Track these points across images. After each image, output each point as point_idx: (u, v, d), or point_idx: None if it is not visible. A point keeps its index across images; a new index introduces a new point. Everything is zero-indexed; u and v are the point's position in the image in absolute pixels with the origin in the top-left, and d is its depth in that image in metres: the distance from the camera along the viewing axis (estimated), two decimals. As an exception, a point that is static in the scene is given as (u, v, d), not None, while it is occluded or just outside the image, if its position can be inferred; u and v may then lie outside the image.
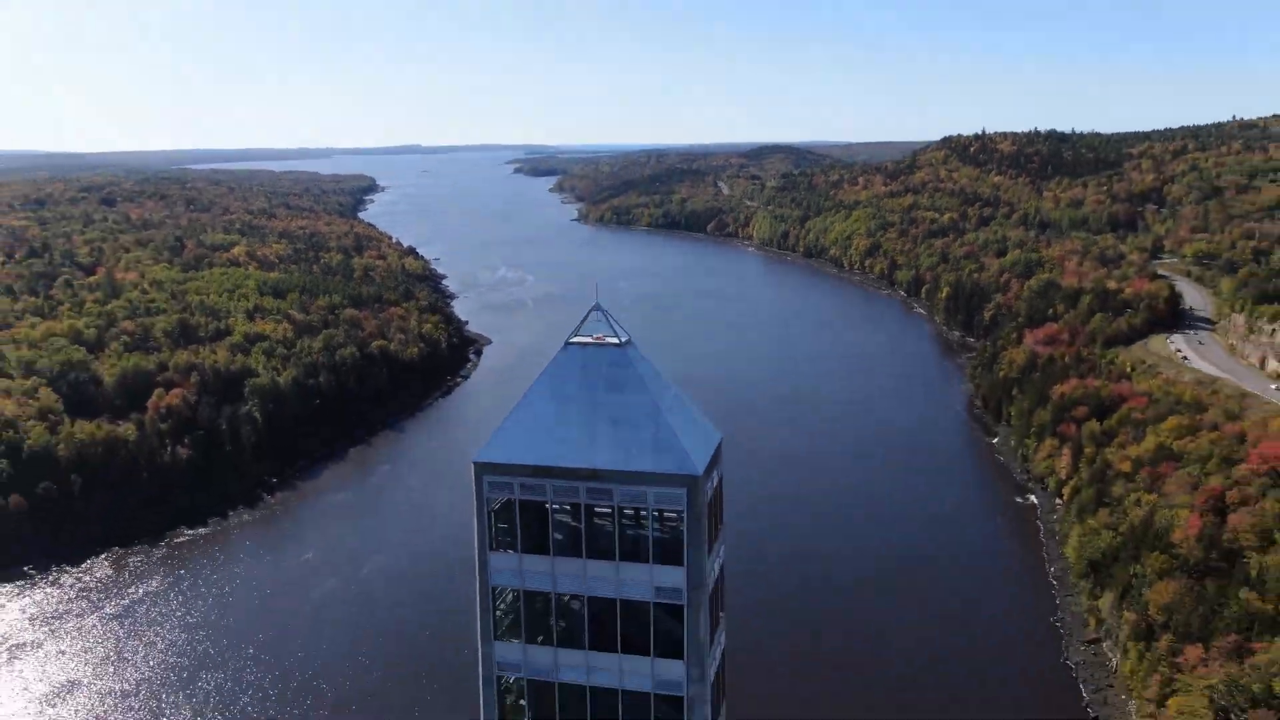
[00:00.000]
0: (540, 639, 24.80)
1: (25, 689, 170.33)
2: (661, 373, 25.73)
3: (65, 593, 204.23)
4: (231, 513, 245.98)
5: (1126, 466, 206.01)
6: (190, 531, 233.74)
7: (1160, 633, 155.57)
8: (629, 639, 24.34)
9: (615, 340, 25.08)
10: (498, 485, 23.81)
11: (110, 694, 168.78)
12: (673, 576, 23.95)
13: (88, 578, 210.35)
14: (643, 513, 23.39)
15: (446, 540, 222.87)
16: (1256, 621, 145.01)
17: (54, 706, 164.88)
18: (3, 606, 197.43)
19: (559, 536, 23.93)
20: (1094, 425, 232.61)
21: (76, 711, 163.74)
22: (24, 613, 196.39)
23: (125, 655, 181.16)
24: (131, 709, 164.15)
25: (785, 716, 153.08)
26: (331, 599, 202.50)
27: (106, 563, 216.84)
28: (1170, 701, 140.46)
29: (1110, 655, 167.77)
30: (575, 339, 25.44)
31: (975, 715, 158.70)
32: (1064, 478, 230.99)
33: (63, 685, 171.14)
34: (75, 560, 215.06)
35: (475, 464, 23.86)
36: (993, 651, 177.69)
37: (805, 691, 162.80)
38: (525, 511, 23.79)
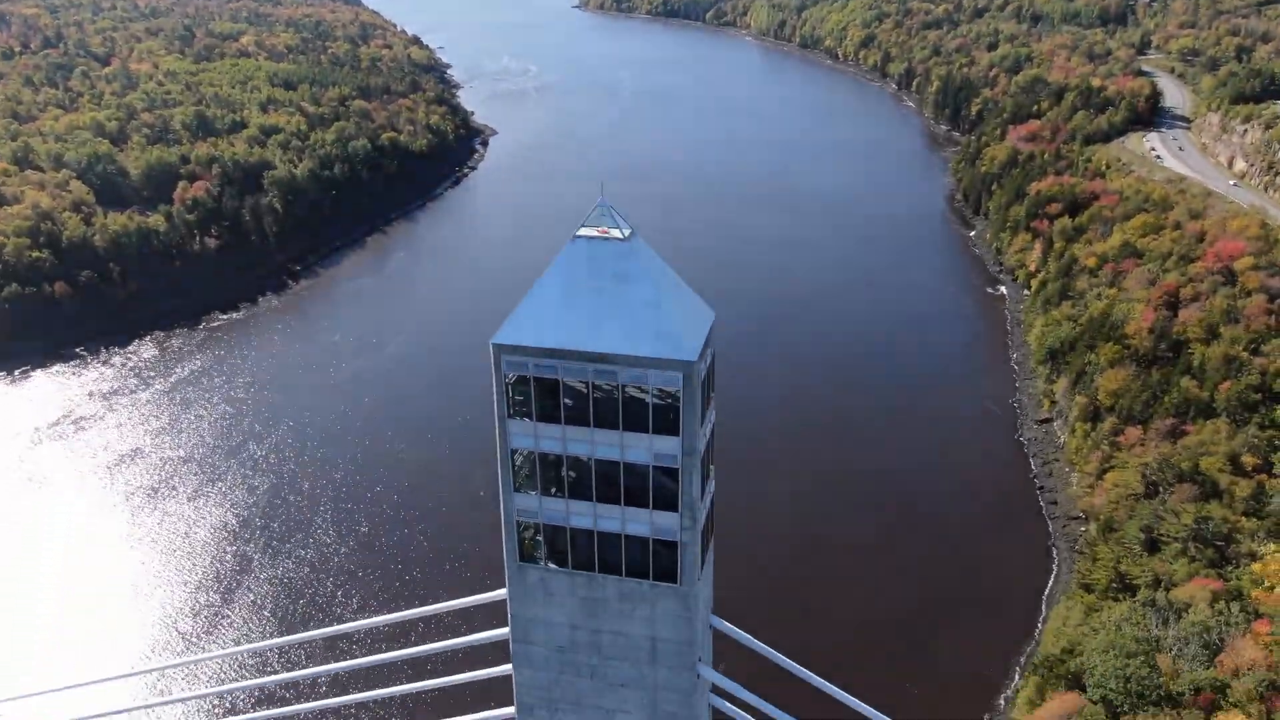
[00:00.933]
0: (554, 491, 26.90)
1: (94, 456, 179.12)
2: (662, 260, 26.50)
3: (117, 372, 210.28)
4: (260, 298, 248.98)
5: (1092, 262, 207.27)
6: (224, 316, 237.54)
7: (1106, 415, 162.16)
8: (631, 493, 26.47)
9: (620, 234, 25.66)
10: (514, 363, 25.15)
11: (170, 460, 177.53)
12: (669, 445, 25.75)
13: (135, 359, 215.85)
14: (644, 389, 24.88)
15: (459, 322, 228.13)
16: (1192, 407, 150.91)
17: (123, 470, 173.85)
18: (65, 385, 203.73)
19: (569, 404, 25.53)
20: (1066, 222, 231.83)
21: (143, 473, 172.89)
22: (83, 389, 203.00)
23: (179, 427, 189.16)
24: (191, 473, 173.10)
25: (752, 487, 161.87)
26: (360, 376, 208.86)
27: (151, 344, 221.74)
28: (1107, 475, 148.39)
29: (1060, 433, 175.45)
30: (583, 232, 25.96)
31: (935, 483, 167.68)
32: (1033, 270, 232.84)
33: (127, 453, 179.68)
34: (122, 344, 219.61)
35: (494, 345, 25.12)
36: (954, 429, 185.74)
37: (776, 463, 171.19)
38: (539, 385, 25.26)
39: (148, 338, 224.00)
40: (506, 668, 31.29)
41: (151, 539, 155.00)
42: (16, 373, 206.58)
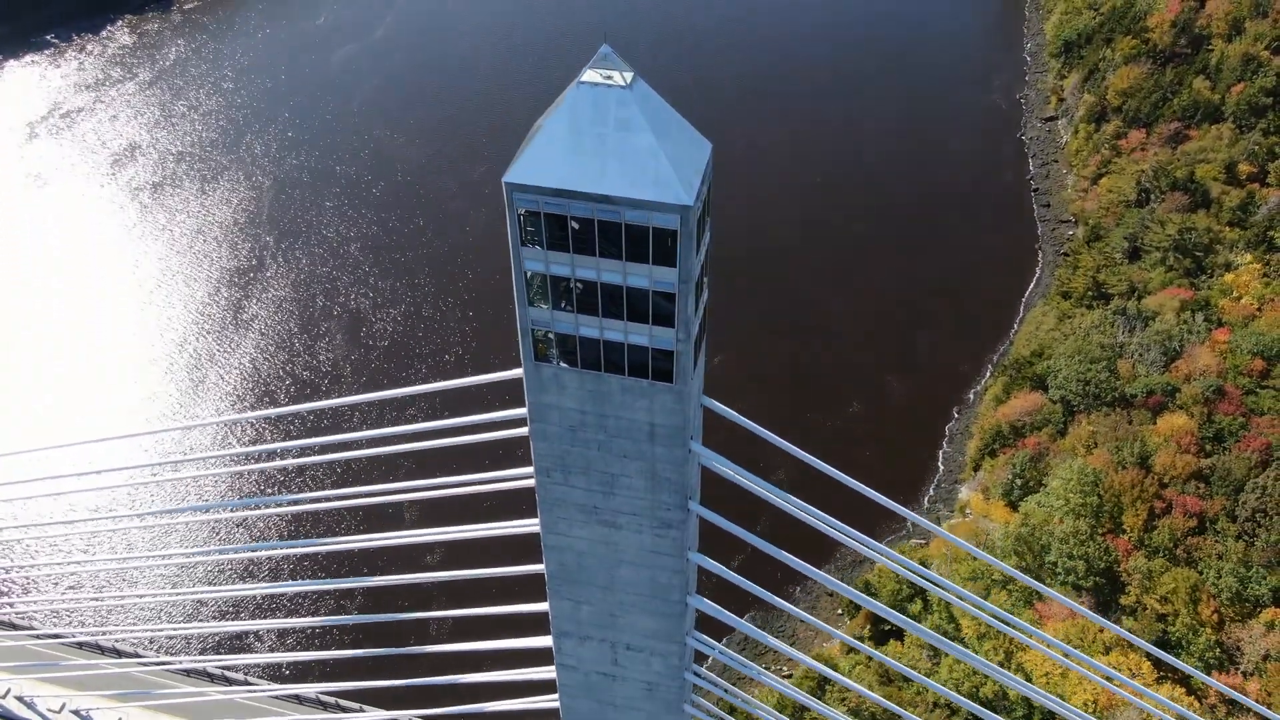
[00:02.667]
0: (564, 305, 29.92)
1: (93, 151, 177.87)
2: (661, 100, 27.53)
3: (96, 60, 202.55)
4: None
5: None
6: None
7: (1112, 116, 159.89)
8: (633, 310, 29.44)
9: (622, 80, 26.49)
10: (525, 199, 27.10)
11: (169, 155, 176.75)
12: (668, 274, 28.27)
13: (111, 45, 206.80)
14: (644, 225, 27.09)
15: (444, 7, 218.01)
16: (1200, 110, 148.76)
17: (124, 166, 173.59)
18: (44, 76, 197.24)
19: (577, 234, 27.86)
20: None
21: (144, 169, 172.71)
22: (65, 80, 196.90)
23: (172, 119, 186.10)
24: (192, 168, 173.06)
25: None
26: (354, 60, 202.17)
27: (125, 29, 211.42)
28: (1102, 181, 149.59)
29: (1063, 133, 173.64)
30: (586, 77, 26.74)
31: (931, 177, 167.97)
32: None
33: (125, 148, 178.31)
34: (94, 30, 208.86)
35: (505, 183, 27.01)
36: (957, 124, 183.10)
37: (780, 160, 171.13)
38: (549, 219, 27.45)
39: (120, 21, 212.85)
40: (524, 431, 36.15)
41: (165, 236, 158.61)
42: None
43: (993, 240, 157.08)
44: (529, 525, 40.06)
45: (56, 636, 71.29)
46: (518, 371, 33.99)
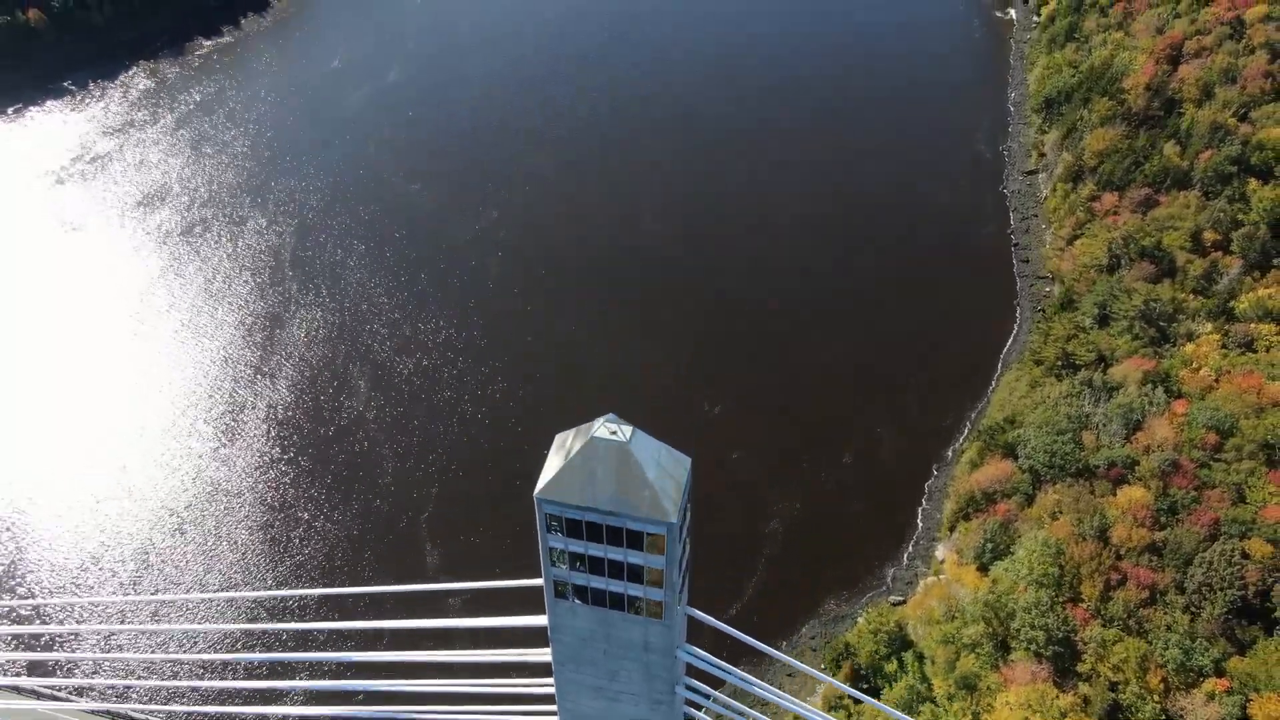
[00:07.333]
0: (579, 566, 37.46)
1: (124, 196, 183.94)
2: (654, 442, 35.26)
3: (118, 106, 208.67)
4: (243, 19, 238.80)
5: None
6: (209, 42, 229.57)
7: (1088, 177, 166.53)
8: (631, 574, 36.98)
9: (623, 437, 34.30)
10: (550, 507, 34.81)
11: (197, 200, 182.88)
12: (658, 559, 36.03)
13: (132, 91, 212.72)
14: (641, 531, 35.12)
15: (453, 45, 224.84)
16: (1170, 176, 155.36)
17: (156, 209, 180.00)
18: (66, 122, 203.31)
19: (589, 530, 35.68)
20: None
21: (172, 214, 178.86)
22: (91, 123, 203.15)
23: (198, 164, 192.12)
24: (220, 213, 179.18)
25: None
26: (369, 104, 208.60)
27: (142, 75, 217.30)
28: (1078, 242, 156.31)
29: (1043, 188, 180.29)
30: (597, 434, 34.51)
31: (916, 230, 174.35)
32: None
33: (155, 192, 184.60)
34: (110, 75, 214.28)
35: (537, 498, 34.72)
36: (943, 170, 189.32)
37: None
38: (568, 521, 35.31)
39: (135, 68, 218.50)
40: (542, 620, 43.53)
41: (194, 280, 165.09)
42: (10, 110, 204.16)
43: (974, 294, 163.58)
44: (545, 686, 47.55)
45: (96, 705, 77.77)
46: (538, 581, 41.38)
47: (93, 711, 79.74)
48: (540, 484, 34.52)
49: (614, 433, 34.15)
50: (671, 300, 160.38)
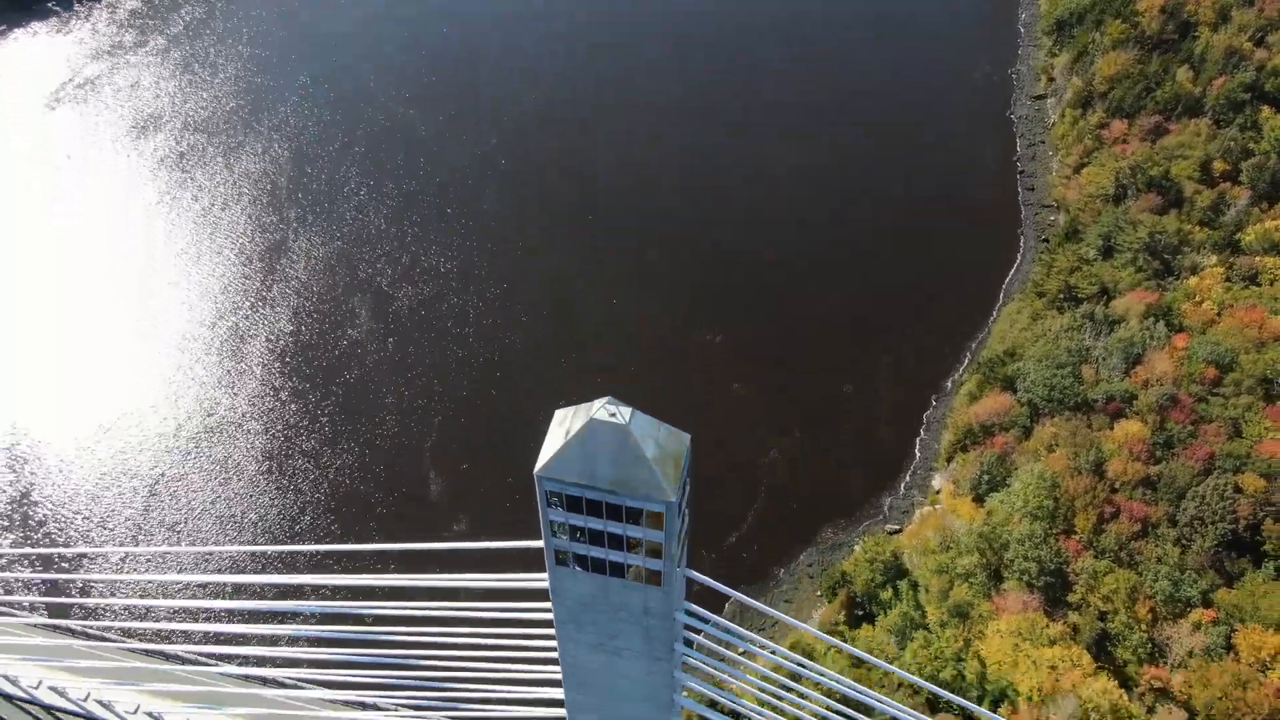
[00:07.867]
0: (579, 537, 37.88)
1: (119, 120, 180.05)
2: (653, 422, 34.94)
3: (106, 27, 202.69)
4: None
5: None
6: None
7: (1097, 103, 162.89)
8: (630, 545, 37.41)
9: (622, 419, 34.06)
10: (549, 484, 34.89)
11: (191, 125, 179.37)
12: (658, 534, 36.21)
13: (119, 12, 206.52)
14: (640, 508, 35.08)
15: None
16: (1181, 103, 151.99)
17: (150, 135, 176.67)
18: (53, 44, 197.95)
19: (589, 505, 35.81)
20: None
21: (168, 140, 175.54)
22: (79, 46, 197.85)
23: (192, 87, 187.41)
24: (215, 138, 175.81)
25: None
26: (370, 22, 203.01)
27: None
28: (1084, 171, 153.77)
29: (1051, 113, 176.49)
30: (596, 415, 34.26)
31: (918, 155, 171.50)
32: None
33: (151, 116, 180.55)
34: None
35: (537, 476, 34.78)
36: (948, 93, 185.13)
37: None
38: (568, 497, 35.41)
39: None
40: (544, 580, 44.30)
41: (192, 210, 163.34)
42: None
43: (977, 222, 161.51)
44: (547, 646, 48.74)
45: (132, 644, 79.27)
46: (538, 543, 41.99)
47: (130, 650, 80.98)
48: (540, 462, 34.72)
49: (613, 415, 34.38)
50: (668, 251, 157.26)
